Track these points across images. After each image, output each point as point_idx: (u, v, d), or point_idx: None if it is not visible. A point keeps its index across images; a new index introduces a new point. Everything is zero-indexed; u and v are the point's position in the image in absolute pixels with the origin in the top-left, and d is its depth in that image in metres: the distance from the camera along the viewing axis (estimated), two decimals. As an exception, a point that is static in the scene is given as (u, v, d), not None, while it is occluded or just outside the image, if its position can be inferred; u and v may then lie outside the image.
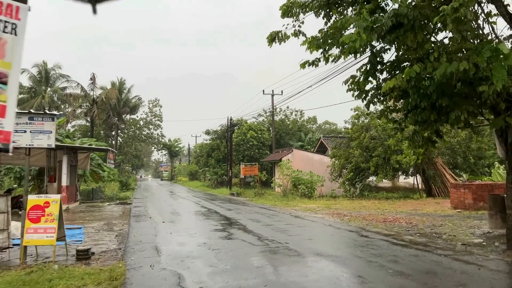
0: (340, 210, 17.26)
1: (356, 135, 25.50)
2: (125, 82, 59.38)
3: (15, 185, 24.72)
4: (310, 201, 22.83)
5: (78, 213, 17.56)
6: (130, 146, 70.63)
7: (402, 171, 25.61)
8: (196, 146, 77.61)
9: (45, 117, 8.15)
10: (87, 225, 13.14)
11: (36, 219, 7.91)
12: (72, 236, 10.57)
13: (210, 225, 12.52)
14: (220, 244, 9.11)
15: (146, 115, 68.62)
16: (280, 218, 14.55)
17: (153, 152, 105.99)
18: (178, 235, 10.60)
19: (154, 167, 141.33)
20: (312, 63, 10.93)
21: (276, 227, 11.98)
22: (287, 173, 26.04)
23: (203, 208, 19.54)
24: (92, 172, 28.01)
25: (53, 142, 8.19)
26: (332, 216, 14.78)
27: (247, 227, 11.87)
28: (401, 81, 7.82)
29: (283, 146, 45.32)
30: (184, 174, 78.28)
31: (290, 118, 52.27)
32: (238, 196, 30.02)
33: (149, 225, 13.04)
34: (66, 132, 29.64)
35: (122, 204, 22.52)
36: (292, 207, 19.16)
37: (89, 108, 45.64)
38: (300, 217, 14.82)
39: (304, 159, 31.57)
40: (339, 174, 27.32)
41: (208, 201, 24.39)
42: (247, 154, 42.45)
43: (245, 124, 44.68)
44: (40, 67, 48.76)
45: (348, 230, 11.10)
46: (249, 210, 17.76)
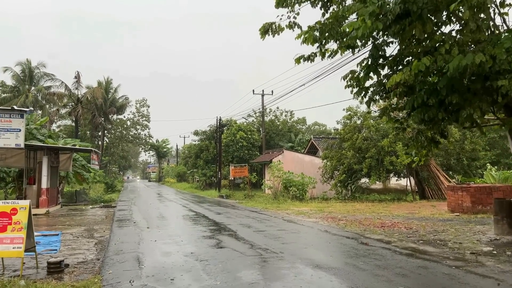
0: (334, 213, 16.58)
1: (349, 136, 24.91)
2: (112, 81, 58.18)
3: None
4: (302, 203, 22.14)
5: (59, 217, 16.58)
6: (117, 147, 69.35)
7: (395, 172, 25.07)
8: (184, 147, 76.53)
9: (12, 113, 7.30)
10: (66, 231, 12.22)
11: (2, 227, 7.03)
12: (47, 244, 9.67)
13: (198, 231, 11.71)
14: (209, 254, 8.32)
15: (133, 115, 67.41)
16: (273, 223, 13.80)
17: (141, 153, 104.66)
18: (163, 243, 9.78)
19: (142, 168, 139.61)
20: (308, 58, 10.22)
21: (268, 233, 11.23)
22: (278, 174, 25.32)
23: (191, 211, 18.70)
24: (76, 173, 26.93)
25: (22, 141, 7.33)
26: (326, 221, 14.08)
27: (238, 234, 11.10)
28: (408, 75, 7.14)
29: (273, 147, 44.66)
30: (172, 175, 77.08)
31: (280, 119, 51.62)
32: (228, 198, 29.21)
33: (133, 231, 12.18)
34: (48, 132, 28.48)
35: (106, 207, 21.56)
36: (284, 210, 18.44)
37: (74, 108, 44.36)
38: (293, 221, 14.09)
39: (295, 160, 30.92)
40: (330, 175, 26.72)
41: (196, 204, 23.54)
42: (237, 155, 41.65)
43: (234, 125, 43.88)
44: (23, 66, 47.39)
45: (346, 237, 10.40)
46: (239, 214, 16.98)
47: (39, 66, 47.65)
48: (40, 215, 17.25)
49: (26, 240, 7.14)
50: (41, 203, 18.06)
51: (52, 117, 44.36)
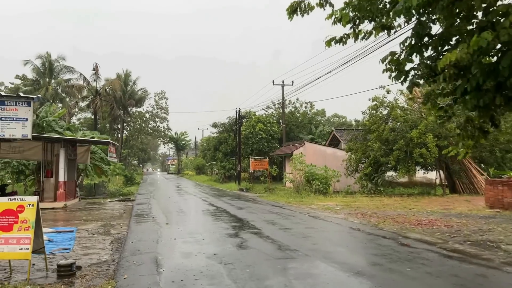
0: (362, 209, 15.63)
1: (375, 127, 23.75)
2: (130, 74, 57.96)
3: (9, 180, 23.43)
4: (326, 198, 21.21)
5: (76, 211, 16.11)
6: (136, 140, 69.44)
7: (422, 165, 23.80)
8: (203, 139, 76.20)
9: (19, 101, 6.62)
10: (82, 226, 11.65)
11: (8, 226, 6.39)
12: (60, 243, 9.06)
13: (220, 229, 10.96)
14: (233, 255, 7.53)
15: (152, 107, 67.26)
16: (298, 219, 12.95)
17: (160, 145, 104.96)
18: (183, 242, 9.05)
19: (161, 160, 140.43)
20: (340, 39, 9.23)
21: (296, 231, 10.39)
22: (300, 167, 24.41)
23: (211, 206, 18.00)
24: (94, 166, 26.62)
25: (30, 131, 6.66)
26: (356, 217, 13.16)
27: (263, 232, 10.30)
28: (465, 53, 6.14)
29: (293, 139, 43.68)
30: (191, 168, 76.94)
31: (300, 111, 50.49)
32: (248, 191, 28.48)
33: (151, 227, 11.52)
34: (67, 124, 28.22)
35: (124, 201, 21.09)
36: (308, 205, 17.56)
37: (92, 100, 44.22)
38: (320, 218, 13.21)
39: (316, 152, 29.91)
40: (355, 168, 25.64)
41: (216, 198, 22.86)
42: (256, 147, 40.88)
43: (253, 117, 43.05)
44: (44, 59, 47.45)
45: (382, 236, 9.48)
46: (262, 209, 16.19)
47: (58, 59, 47.66)
48: (57, 209, 16.85)
49: (34, 240, 6.49)
50: (59, 196, 17.65)
51: (71, 109, 44.35)
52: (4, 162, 21.91)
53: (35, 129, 22.66)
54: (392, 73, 8.84)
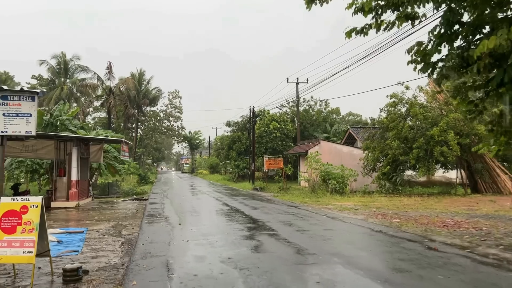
0: (382, 209, 15.02)
1: (393, 124, 23.05)
2: (144, 73, 58.05)
3: (22, 180, 23.42)
4: (343, 198, 20.61)
5: (88, 211, 15.87)
6: (150, 139, 69.61)
7: (442, 164, 22.96)
8: (216, 138, 76.04)
9: (22, 95, 6.26)
10: (93, 227, 11.34)
11: (11, 228, 6.04)
12: (69, 244, 8.73)
13: (235, 230, 10.51)
14: (249, 260, 7.07)
15: (166, 107, 67.29)
16: (316, 220, 12.43)
17: (174, 144, 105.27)
18: (196, 244, 8.63)
19: (175, 159, 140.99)
20: (361, 30, 8.69)
21: (314, 233, 9.88)
22: (315, 166, 23.83)
23: (225, 206, 17.59)
24: (108, 165, 26.50)
25: (34, 128, 6.30)
26: (376, 218, 12.58)
27: (280, 233, 9.81)
28: (505, 40, 5.56)
29: (307, 137, 43.06)
30: (204, 167, 76.86)
31: (314, 109, 49.80)
32: (262, 191, 28.03)
33: (164, 228, 11.14)
34: (81, 123, 28.17)
35: (138, 200, 20.84)
36: (325, 205, 17.01)
37: (106, 99, 44.31)
38: (339, 219, 12.66)
39: (332, 151, 29.30)
40: (372, 167, 24.97)
41: (230, 197, 22.45)
42: (270, 146, 40.40)
43: (267, 115, 42.58)
44: (59, 58, 47.77)
45: (407, 239, 8.90)
46: (277, 209, 15.70)
47: (73, 58, 47.95)
48: (70, 209, 16.65)
49: (39, 243, 6.13)
50: (71, 196, 17.45)
51: (85, 108, 44.49)
52: (18, 161, 21.88)
53: (49, 128, 22.62)
54: (418, 65, 8.27)
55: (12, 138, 16.76)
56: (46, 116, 23.31)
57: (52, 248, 8.20)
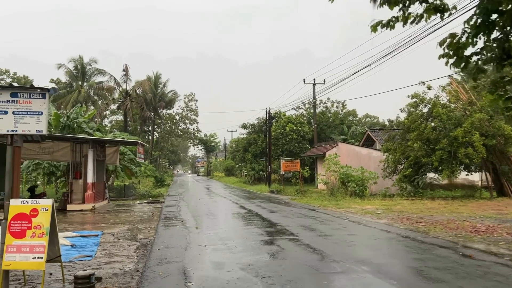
0: (405, 213, 14.39)
1: (415, 125, 22.31)
2: (160, 76, 58.16)
3: (39, 182, 23.45)
4: (363, 201, 19.98)
5: (104, 213, 15.65)
6: (166, 141, 69.74)
7: (465, 166, 22.09)
8: (232, 141, 75.86)
9: (33, 92, 5.95)
10: (108, 230, 11.06)
11: (20, 232, 5.73)
12: (82, 249, 8.43)
13: (253, 234, 10.08)
14: (271, 267, 6.63)
15: (182, 109, 67.35)
16: (338, 224, 11.90)
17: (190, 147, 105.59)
18: (214, 249, 8.23)
19: (191, 162, 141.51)
20: (387, 23, 8.13)
21: (338, 239, 9.38)
22: (334, 169, 23.24)
23: (242, 209, 17.18)
24: (124, 167, 26.41)
25: (45, 127, 5.98)
26: (401, 222, 11.99)
27: (301, 238, 9.34)
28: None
29: (324, 139, 42.40)
30: (220, 169, 76.76)
31: (331, 111, 49.08)
32: (278, 193, 27.56)
33: (180, 232, 10.78)
34: (97, 125, 28.20)
35: (154, 203, 20.60)
36: (345, 208, 16.45)
37: (123, 101, 44.48)
38: (362, 223, 12.11)
39: (351, 153, 28.67)
40: (393, 170, 24.25)
41: (246, 200, 22.04)
42: (286, 148, 39.88)
43: (283, 117, 42.10)
44: (76, 62, 48.19)
45: (438, 246, 8.33)
46: (296, 213, 15.21)
47: (90, 62, 48.30)
48: (85, 211, 16.48)
49: (49, 248, 5.81)
50: (87, 198, 17.30)
51: (102, 111, 44.71)
52: (36, 163, 21.91)
53: (66, 130, 22.62)
54: (450, 59, 7.72)
55: (28, 140, 16.77)
56: (63, 118, 23.33)
57: (65, 253, 7.92)
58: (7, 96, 5.89)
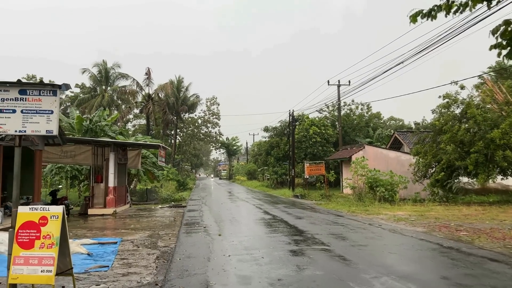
0: (441, 220, 13.42)
1: (447, 127, 21.17)
2: (183, 80, 58.29)
3: (60, 186, 23.37)
4: (393, 207, 18.99)
5: (125, 218, 15.26)
6: (189, 145, 69.81)
7: (504, 170, 20.77)
8: (253, 144, 75.30)
9: (43, 89, 5.47)
10: (128, 237, 10.58)
11: (28, 243, 5.22)
12: (100, 257, 7.92)
13: (281, 243, 9.38)
14: (303, 282, 5.93)
15: (204, 113, 67.34)
16: (371, 233, 11.08)
17: (212, 151, 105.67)
18: (239, 260, 7.58)
19: (213, 166, 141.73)
20: (428, 13, 7.39)
21: (373, 249, 8.59)
22: (362, 173, 22.30)
23: (266, 214, 16.50)
24: (147, 171, 26.16)
25: (56, 127, 5.48)
26: (439, 230, 11.07)
27: (333, 249, 8.59)
28: None
29: (349, 142, 41.31)
30: (242, 173, 76.33)
31: (356, 113, 47.91)
32: (303, 198, 26.75)
33: (203, 239, 10.19)
34: (119, 129, 28.10)
35: (176, 207, 20.16)
36: (375, 215, 15.56)
37: (145, 105, 44.58)
38: (396, 231, 11.24)
39: (378, 156, 27.59)
40: (423, 174, 23.12)
41: (270, 205, 21.34)
42: (310, 151, 39.02)
43: (306, 120, 41.26)
44: (100, 67, 48.71)
45: (489, 259, 7.45)
46: (324, 219, 14.42)
47: (114, 66, 48.73)
48: (106, 216, 16.14)
49: (60, 260, 5.29)
50: (108, 202, 16.97)
51: (125, 114, 44.90)
52: (58, 167, 21.83)
53: (88, 134, 22.50)
54: (503, 50, 6.88)
55: (50, 143, 16.61)
56: (85, 122, 23.24)
57: (81, 262, 7.43)
58: (15, 93, 5.43)
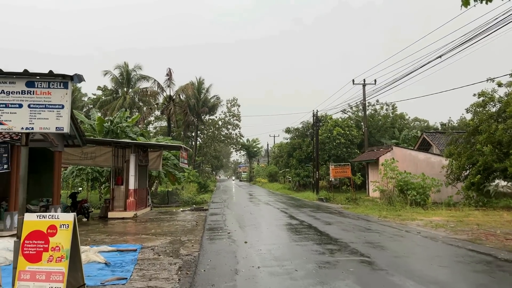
0: (484, 227, 12.33)
1: (483, 127, 19.88)
2: (203, 81, 57.97)
3: (80, 188, 23.07)
4: (427, 211, 17.87)
5: (145, 222, 14.69)
6: (209, 147, 69.49)
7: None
8: (274, 146, 74.44)
9: (53, 81, 4.83)
10: (148, 243, 9.94)
11: (35, 255, 4.58)
12: (118, 267, 7.27)
13: (314, 253, 8.55)
14: (349, 304, 5.11)
15: (224, 115, 66.92)
16: (411, 241, 10.14)
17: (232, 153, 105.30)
18: (270, 274, 6.79)
19: (233, 168, 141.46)
20: (484, -6, 6.59)
21: (419, 261, 7.68)
22: (391, 175, 21.22)
23: (292, 219, 15.66)
24: (168, 173, 25.67)
25: (67, 123, 4.83)
26: (486, 239, 10.04)
27: (374, 260, 7.71)
28: None
29: (373, 144, 40.03)
30: (263, 175, 75.54)
31: (381, 113, 46.50)
32: (327, 201, 25.80)
33: (228, 247, 9.46)
34: (140, 130, 27.74)
35: (197, 210, 19.54)
36: (410, 220, 14.53)
37: (166, 106, 44.36)
38: (438, 239, 10.24)
39: (406, 158, 26.39)
40: (457, 177, 21.84)
41: (295, 209, 20.48)
42: (334, 153, 37.93)
43: (330, 120, 40.19)
44: (121, 69, 48.77)
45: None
46: (356, 225, 13.50)
47: (135, 68, 48.73)
48: (127, 219, 15.63)
49: (70, 275, 4.62)
50: (129, 205, 16.47)
51: (145, 116, 44.76)
52: (79, 169, 21.53)
53: (109, 135, 22.14)
54: None
55: (69, 145, 16.22)
56: (106, 123, 22.91)
57: (97, 273, 6.78)
58: (22, 85, 4.80)
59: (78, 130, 15.31)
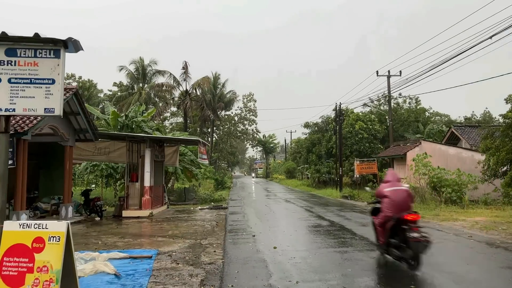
0: (543, 230, 10.87)
1: (526, 118, 18.26)
2: (219, 76, 56.90)
3: (93, 185, 22.22)
4: (465, 210, 16.40)
5: (161, 222, 13.64)
6: (226, 143, 68.52)
7: None
8: (292, 141, 73.06)
9: (41, 48, 3.71)
10: (165, 247, 8.84)
11: (17, 277, 3.47)
12: (129, 280, 6.15)
13: (359, 263, 7.30)
14: None
15: (240, 110, 65.82)
16: (464, 246, 8.80)
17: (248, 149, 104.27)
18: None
19: (249, 164, 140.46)
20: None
21: (491, 275, 6.37)
22: (423, 171, 19.72)
23: (321, 219, 14.40)
24: (185, 169, 24.64)
25: (59, 104, 3.70)
26: (555, 246, 8.63)
27: (434, 274, 6.42)
28: None
29: (397, 139, 38.31)
30: (280, 171, 74.25)
31: (403, 107, 44.71)
32: (352, 199, 24.43)
33: (255, 254, 8.28)
34: (156, 125, 26.76)
35: (216, 209, 18.45)
36: (452, 221, 13.12)
37: (182, 100, 43.42)
38: (495, 244, 8.85)
39: (436, 153, 24.73)
40: (493, 173, 20.22)
41: (320, 207, 19.19)
42: (356, 148, 36.40)
43: (351, 115, 38.62)
44: (137, 64, 48.10)
45: None
46: (392, 226, 12.14)
47: (151, 63, 47.96)
48: (142, 218, 14.62)
49: (64, 304, 3.49)
50: (144, 203, 15.46)
51: (161, 111, 43.92)
52: (93, 165, 20.66)
53: (124, 130, 21.19)
54: None
55: (81, 139, 15.27)
56: (121, 117, 22.01)
57: (105, 287, 5.69)
58: (1, 54, 3.68)
59: (90, 123, 14.36)
